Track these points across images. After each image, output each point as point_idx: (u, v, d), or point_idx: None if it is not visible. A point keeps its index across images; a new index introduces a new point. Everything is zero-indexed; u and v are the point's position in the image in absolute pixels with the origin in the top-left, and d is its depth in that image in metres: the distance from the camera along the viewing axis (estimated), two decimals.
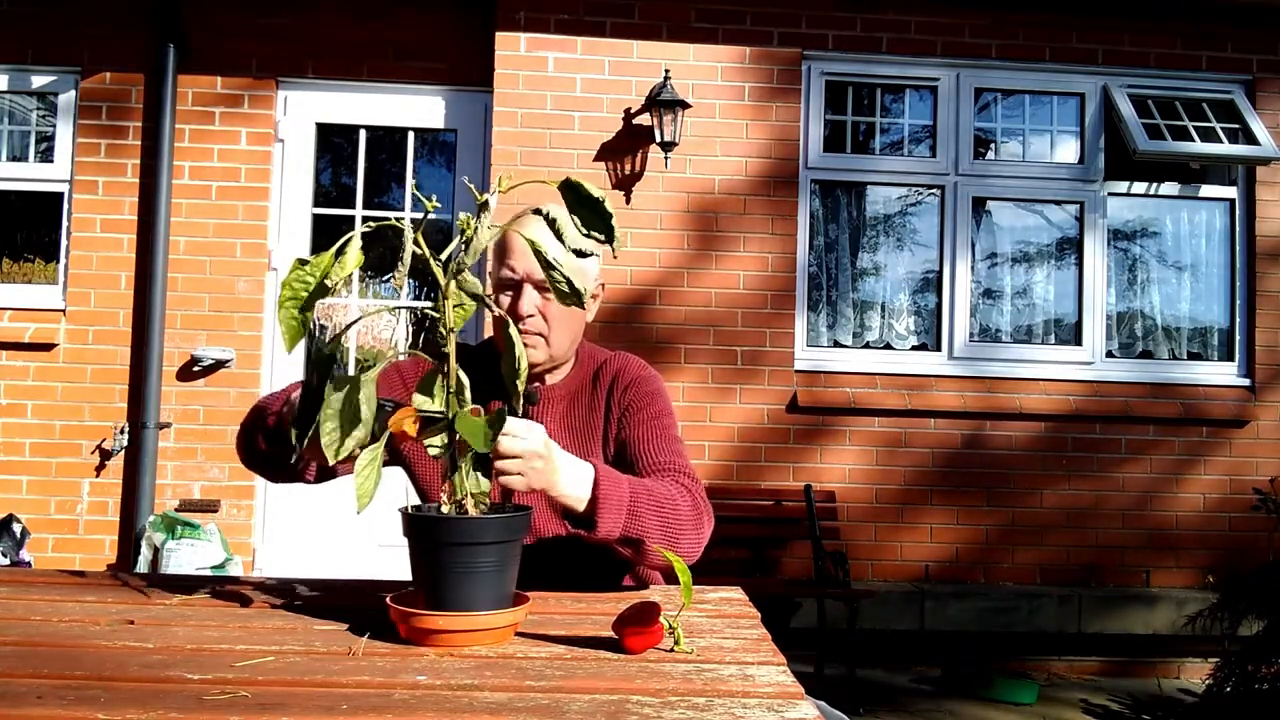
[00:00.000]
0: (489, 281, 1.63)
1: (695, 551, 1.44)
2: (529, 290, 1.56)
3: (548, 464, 1.28)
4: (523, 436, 1.24)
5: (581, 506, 1.33)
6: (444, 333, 1.19)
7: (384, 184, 4.52)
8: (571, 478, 1.32)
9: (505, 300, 1.58)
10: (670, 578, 1.60)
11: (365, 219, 4.39)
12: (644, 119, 4.19)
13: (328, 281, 1.11)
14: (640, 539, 1.37)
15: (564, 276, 1.16)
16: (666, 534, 1.39)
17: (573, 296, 1.16)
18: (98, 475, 4.16)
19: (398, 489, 1.96)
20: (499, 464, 1.23)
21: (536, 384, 1.65)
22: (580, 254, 1.20)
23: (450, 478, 1.19)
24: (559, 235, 1.18)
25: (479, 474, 1.19)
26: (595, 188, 1.14)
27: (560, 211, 1.25)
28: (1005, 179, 4.46)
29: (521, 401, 1.23)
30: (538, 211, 1.47)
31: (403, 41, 4.30)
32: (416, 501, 1.64)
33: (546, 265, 1.17)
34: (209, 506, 4.13)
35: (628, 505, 1.36)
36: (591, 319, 1.71)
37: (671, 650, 1.12)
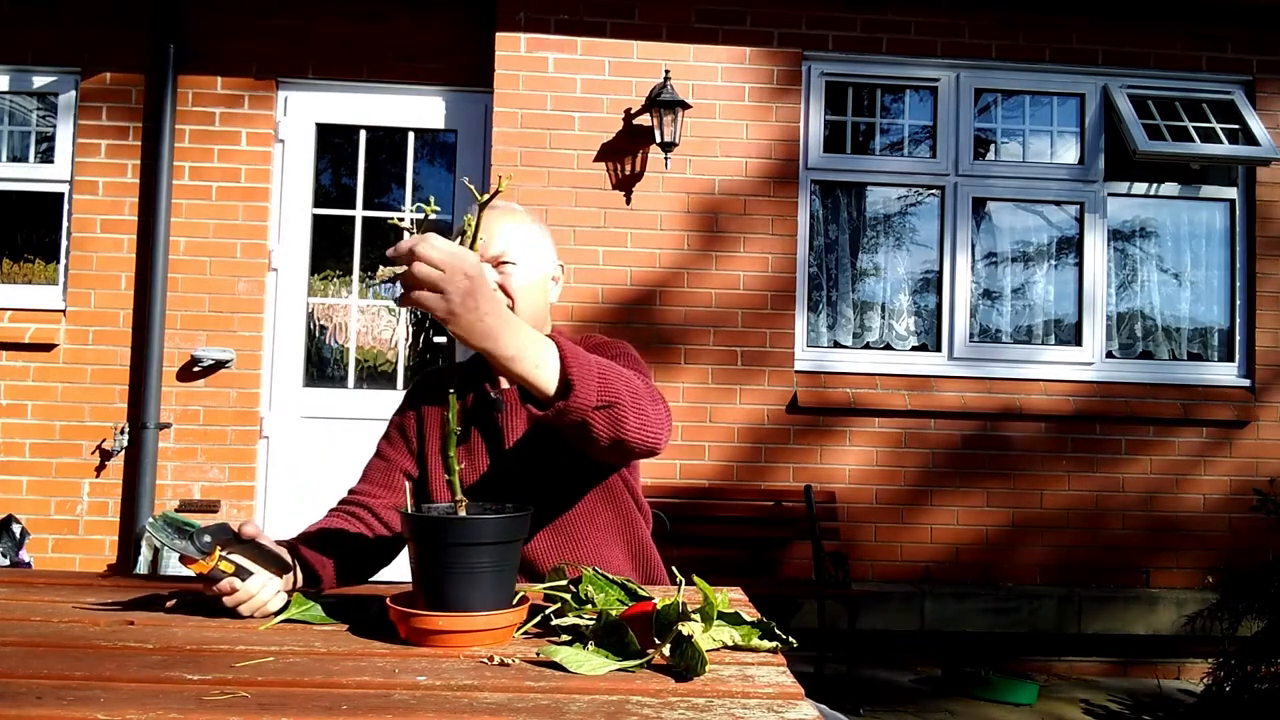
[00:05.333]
0: None
1: (661, 428, 1.35)
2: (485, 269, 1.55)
3: (477, 292, 1.11)
4: (446, 249, 1.09)
5: (543, 372, 1.20)
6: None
7: (384, 184, 4.52)
8: (525, 337, 1.20)
9: None
10: (672, 578, 1.59)
11: (365, 220, 4.39)
12: (644, 119, 4.19)
13: None
14: (615, 402, 1.25)
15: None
16: (635, 400, 1.29)
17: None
18: (98, 475, 4.16)
19: None
20: (416, 269, 1.07)
21: (501, 390, 1.64)
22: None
23: (450, 479, 1.19)
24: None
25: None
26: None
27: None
28: (1005, 179, 4.46)
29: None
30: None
31: (403, 42, 4.30)
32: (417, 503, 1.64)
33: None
34: (209, 507, 4.13)
35: (595, 367, 1.24)
36: (555, 299, 1.68)
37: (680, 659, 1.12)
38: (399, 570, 1.43)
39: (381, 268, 1.12)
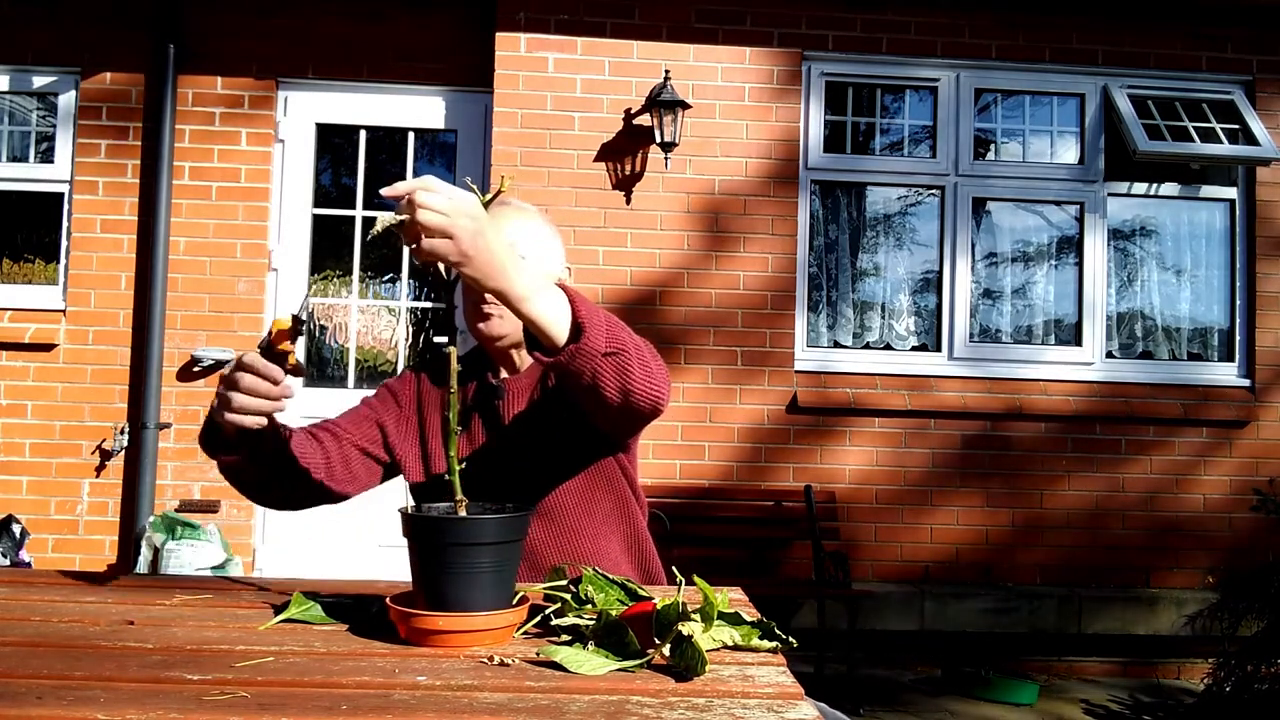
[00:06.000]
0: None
1: (664, 382, 1.35)
2: None
3: (484, 231, 1.10)
4: (445, 195, 1.09)
5: (555, 314, 1.19)
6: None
7: (384, 184, 4.51)
8: (536, 278, 1.19)
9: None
10: (672, 578, 1.59)
11: (365, 220, 4.39)
12: (644, 119, 4.19)
13: None
14: (621, 349, 1.26)
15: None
16: (639, 351, 1.30)
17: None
18: (98, 475, 4.16)
19: (398, 489, 1.97)
20: (421, 218, 1.07)
21: (503, 378, 1.65)
22: None
23: (450, 478, 1.19)
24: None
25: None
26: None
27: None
28: (1005, 179, 4.46)
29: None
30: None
31: (403, 42, 4.30)
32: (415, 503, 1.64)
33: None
34: (209, 507, 4.13)
35: (602, 315, 1.25)
36: None
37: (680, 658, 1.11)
38: (399, 570, 1.43)
39: (380, 218, 1.11)
